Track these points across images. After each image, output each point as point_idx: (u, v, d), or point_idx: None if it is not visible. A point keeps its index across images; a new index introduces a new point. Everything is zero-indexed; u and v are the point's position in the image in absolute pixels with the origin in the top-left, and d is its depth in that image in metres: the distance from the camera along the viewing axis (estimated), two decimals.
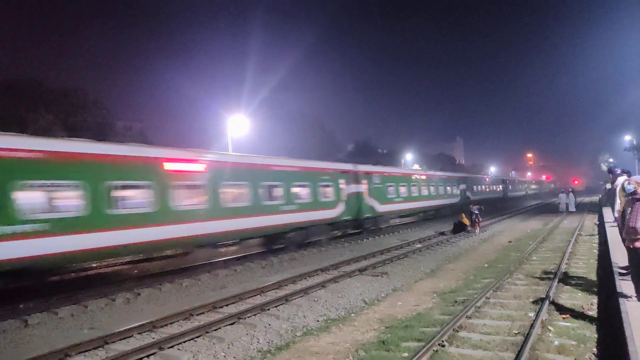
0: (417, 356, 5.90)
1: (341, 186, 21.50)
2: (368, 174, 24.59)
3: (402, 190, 28.61)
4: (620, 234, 8.41)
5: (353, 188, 22.58)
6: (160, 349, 7.11)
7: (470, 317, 7.92)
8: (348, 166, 23.64)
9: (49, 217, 10.34)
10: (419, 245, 18.51)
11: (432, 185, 33.97)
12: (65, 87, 33.36)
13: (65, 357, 6.95)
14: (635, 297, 6.87)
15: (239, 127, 34.78)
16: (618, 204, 9.50)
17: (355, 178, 23.01)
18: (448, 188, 37.45)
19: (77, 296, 10.93)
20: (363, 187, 23.55)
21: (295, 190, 18.36)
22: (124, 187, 12.18)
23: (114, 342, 7.60)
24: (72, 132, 30.27)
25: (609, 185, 26.02)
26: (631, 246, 6.86)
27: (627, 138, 55.88)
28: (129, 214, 12.06)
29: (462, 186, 41.28)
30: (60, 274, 14.31)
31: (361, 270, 13.17)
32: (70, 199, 10.94)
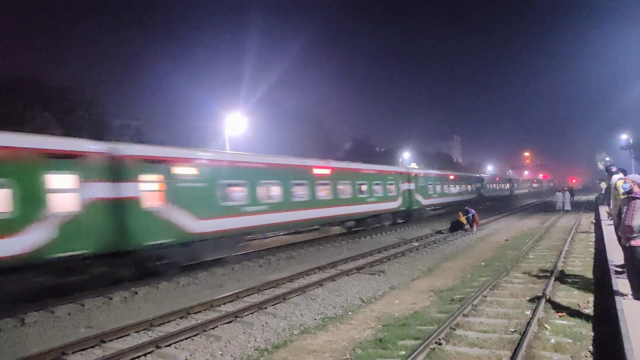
0: (414, 354, 5.91)
1: (399, 184, 27.54)
2: (416, 175, 30.34)
3: (438, 187, 34.59)
4: (616, 232, 8.44)
5: (406, 186, 28.55)
6: (158, 347, 7.11)
7: (467, 315, 7.94)
8: (403, 169, 30.44)
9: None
10: (417, 244, 18.53)
11: (457, 184, 40.20)
12: (62, 85, 33.28)
13: (62, 355, 6.95)
14: (631, 295, 6.91)
15: (236, 125, 34.72)
16: (612, 202, 9.55)
17: (407, 178, 28.90)
18: (468, 186, 43.56)
19: (74, 295, 10.90)
20: (412, 185, 29.25)
21: (374, 187, 24.61)
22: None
23: (111, 340, 7.59)
24: (69, 130, 30.22)
25: (603, 184, 26.11)
26: (627, 244, 6.89)
27: (624, 137, 56.08)
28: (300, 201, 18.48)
29: (478, 184, 47.38)
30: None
31: (359, 269, 13.18)
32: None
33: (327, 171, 20.85)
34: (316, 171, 19.95)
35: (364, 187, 23.58)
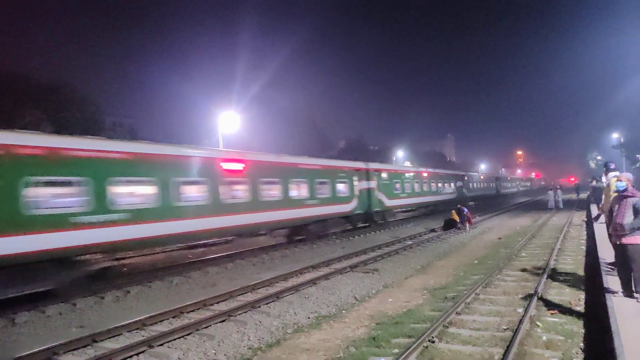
0: (407, 352, 5.93)
1: (354, 182, 23.82)
2: (377, 172, 26.55)
3: (408, 186, 30.76)
4: (608, 230, 8.50)
5: (365, 184, 24.83)
6: (150, 347, 7.08)
7: (460, 313, 7.97)
8: (359, 164, 25.41)
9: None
10: (410, 242, 18.59)
11: (434, 182, 36.33)
12: (53, 82, 32.98)
13: (53, 355, 6.90)
14: (622, 292, 6.96)
15: (230, 123, 34.59)
16: (604, 199, 9.61)
17: (366, 175, 25.15)
18: (447, 185, 39.57)
19: (65, 294, 10.82)
20: (373, 183, 25.67)
21: (318, 186, 20.57)
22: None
23: (102, 340, 7.55)
24: (61, 128, 29.99)
25: (594, 183, 26.34)
26: (618, 242, 6.95)
27: (615, 136, 56.53)
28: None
29: (459, 183, 43.09)
30: None
31: (352, 267, 13.20)
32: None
33: (240, 166, 16.27)
34: (224, 166, 15.50)
35: (301, 187, 19.32)
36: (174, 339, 7.45)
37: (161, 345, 7.21)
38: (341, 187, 22.47)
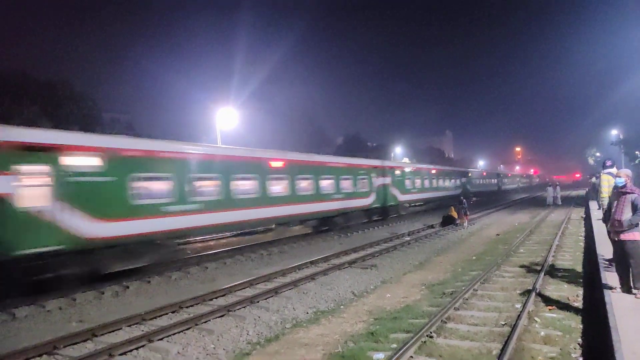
0: (406, 347, 5.95)
1: (373, 179, 25.47)
2: (392, 169, 28.43)
3: (418, 182, 32.62)
4: (606, 226, 8.53)
5: (381, 180, 26.41)
6: (150, 341, 7.10)
7: (458, 309, 8.00)
8: (377, 162, 27.38)
9: None
10: (408, 238, 18.62)
11: (440, 178, 38.26)
12: (51, 79, 32.85)
13: (54, 349, 6.92)
14: (620, 288, 6.99)
15: (227, 119, 34.52)
16: (604, 196, 9.62)
17: (382, 172, 26.80)
18: (452, 181, 41.79)
19: (65, 289, 10.84)
20: (388, 179, 27.24)
21: (342, 182, 22.58)
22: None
23: (102, 334, 7.57)
24: (59, 124, 29.92)
25: (594, 179, 26.36)
26: (616, 238, 6.97)
27: (614, 132, 56.55)
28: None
29: (463, 179, 45.58)
30: None
31: (350, 263, 13.22)
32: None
33: (281, 164, 18.45)
34: (272, 164, 17.84)
35: (329, 183, 21.31)
36: (174, 334, 7.47)
37: (161, 339, 7.23)
38: (362, 183, 24.27)
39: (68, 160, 10.68)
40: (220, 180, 14.98)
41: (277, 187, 17.87)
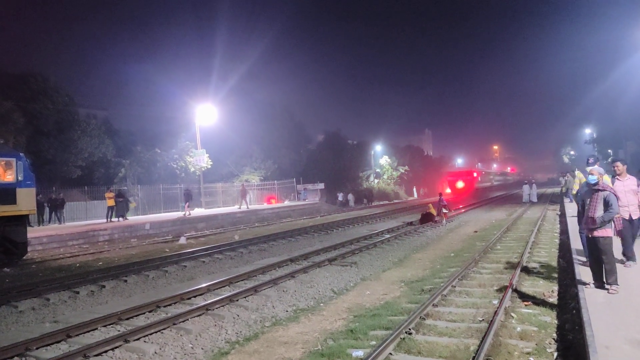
0: (385, 344, 5.97)
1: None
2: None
3: None
4: (579, 223, 8.70)
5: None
6: (126, 341, 6.96)
7: (436, 305, 8.07)
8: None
9: None
10: (388, 236, 18.72)
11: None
12: (24, 72, 31.94)
13: (26, 351, 6.72)
14: (593, 283, 7.14)
15: (207, 116, 34.17)
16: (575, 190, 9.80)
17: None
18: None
19: (38, 289, 10.58)
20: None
21: None
22: None
23: (77, 335, 7.39)
24: (33, 119, 29.16)
25: (566, 178, 26.91)
26: (590, 235, 7.11)
27: (588, 131, 57.93)
28: None
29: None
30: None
31: (330, 261, 13.22)
32: None
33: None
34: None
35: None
36: (151, 334, 7.34)
37: (137, 339, 7.09)
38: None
39: None
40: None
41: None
